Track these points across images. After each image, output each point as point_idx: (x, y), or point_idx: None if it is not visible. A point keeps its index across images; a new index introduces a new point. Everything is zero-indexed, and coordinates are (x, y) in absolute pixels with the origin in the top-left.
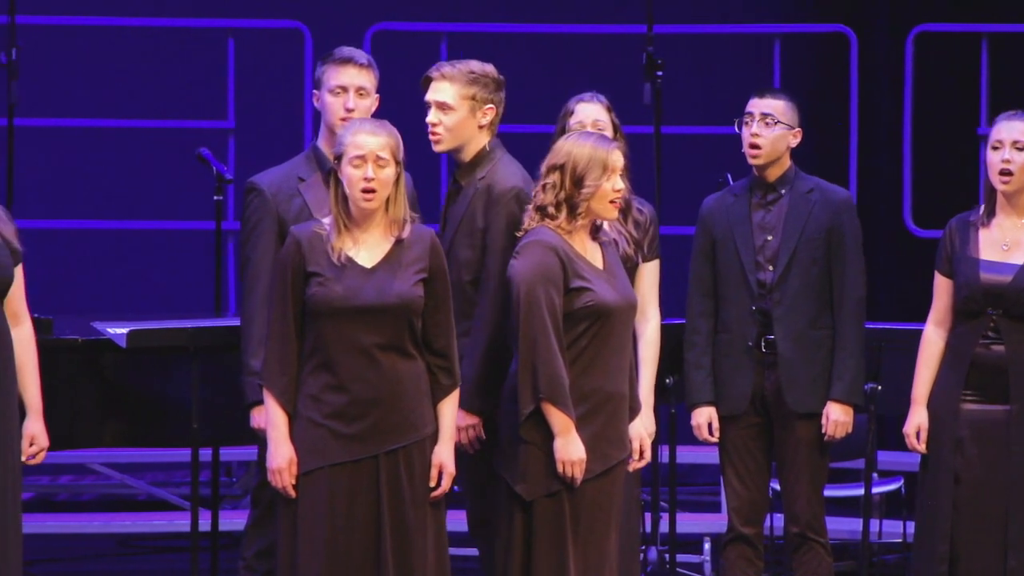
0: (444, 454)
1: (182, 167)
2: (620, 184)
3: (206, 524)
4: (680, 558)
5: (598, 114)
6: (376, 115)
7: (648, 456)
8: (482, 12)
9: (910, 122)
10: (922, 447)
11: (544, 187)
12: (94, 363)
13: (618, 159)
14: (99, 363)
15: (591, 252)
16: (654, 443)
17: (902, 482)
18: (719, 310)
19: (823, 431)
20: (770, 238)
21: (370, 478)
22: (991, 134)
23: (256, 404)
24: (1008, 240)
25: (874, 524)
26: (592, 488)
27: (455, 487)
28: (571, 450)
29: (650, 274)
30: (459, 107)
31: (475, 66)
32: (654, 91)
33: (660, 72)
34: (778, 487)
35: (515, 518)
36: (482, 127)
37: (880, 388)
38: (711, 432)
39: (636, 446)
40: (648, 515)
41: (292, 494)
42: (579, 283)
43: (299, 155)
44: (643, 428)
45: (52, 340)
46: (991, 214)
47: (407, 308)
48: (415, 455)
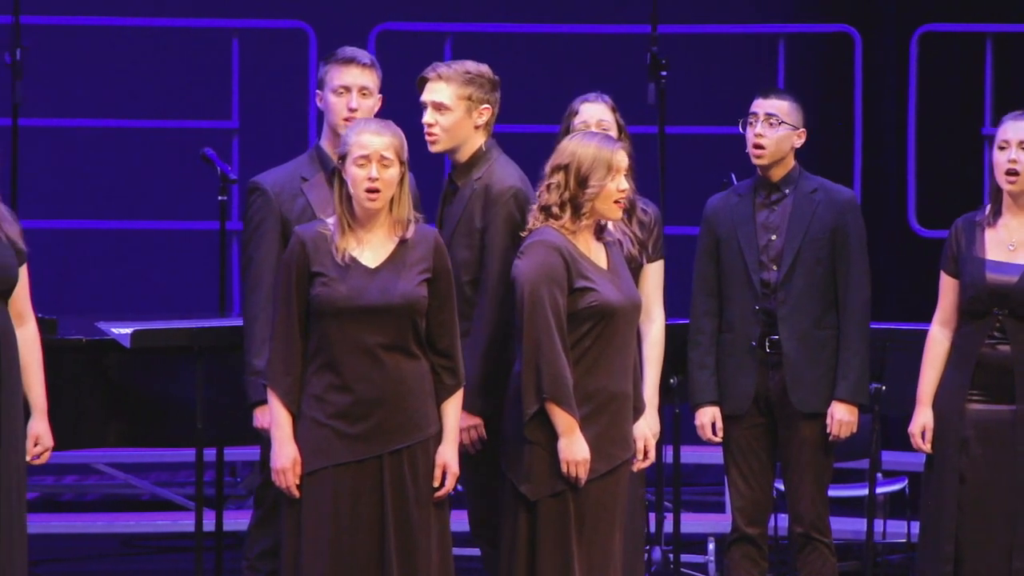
0: (448, 454)
1: (186, 167)
2: (624, 184)
3: (210, 524)
4: (684, 558)
5: (602, 114)
6: (379, 115)
7: (652, 456)
8: (486, 12)
9: (914, 122)
10: (927, 447)
11: (548, 187)
12: (98, 363)
13: (622, 159)
14: (103, 363)
15: (595, 252)
16: (658, 443)
17: (906, 482)
18: (723, 310)
19: (828, 431)
20: (774, 238)
21: (374, 478)
22: (997, 134)
23: (259, 404)
24: (1014, 240)
25: (878, 524)
26: (596, 488)
27: (457, 487)
28: (575, 450)
29: (655, 274)
30: (455, 107)
31: (471, 66)
32: (658, 91)
33: (664, 72)
34: (782, 487)
35: (519, 518)
36: (478, 127)
37: (884, 388)
38: (715, 432)
39: (640, 446)
40: (652, 515)
41: (296, 494)
42: (583, 283)
43: (302, 155)
44: (647, 428)
45: (56, 340)
46: (997, 214)
47: (411, 308)
48: (419, 455)
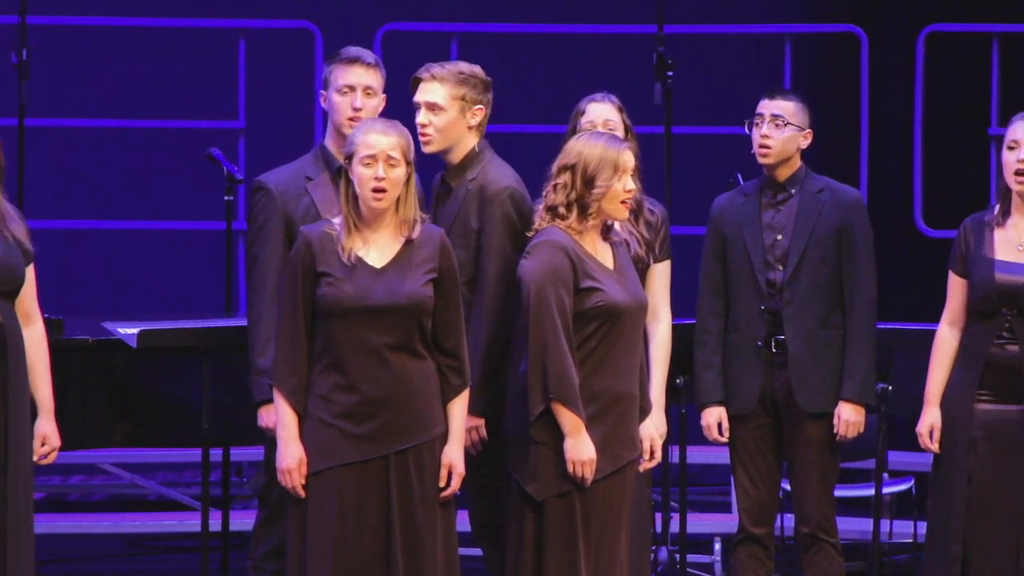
0: (454, 454)
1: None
2: (631, 184)
3: (216, 524)
4: (691, 558)
5: (609, 114)
6: (384, 115)
7: (659, 456)
8: (492, 12)
9: (921, 122)
10: (935, 447)
11: (555, 187)
12: (105, 363)
13: (629, 159)
14: (110, 363)
15: (602, 252)
16: (664, 443)
17: (913, 482)
18: (729, 310)
19: (835, 431)
20: (780, 238)
21: (380, 478)
22: (1007, 134)
23: (264, 403)
24: (1023, 240)
25: (885, 524)
26: (603, 488)
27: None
28: (581, 450)
29: (661, 274)
30: (449, 108)
31: (464, 67)
32: (665, 91)
33: (671, 72)
34: (788, 487)
35: (526, 518)
36: (471, 128)
37: (891, 388)
38: (721, 432)
39: (647, 446)
40: (659, 515)
41: (302, 494)
42: (589, 283)
43: (307, 154)
44: (654, 428)
45: (63, 340)
46: (1006, 214)
47: (417, 308)
48: (425, 455)
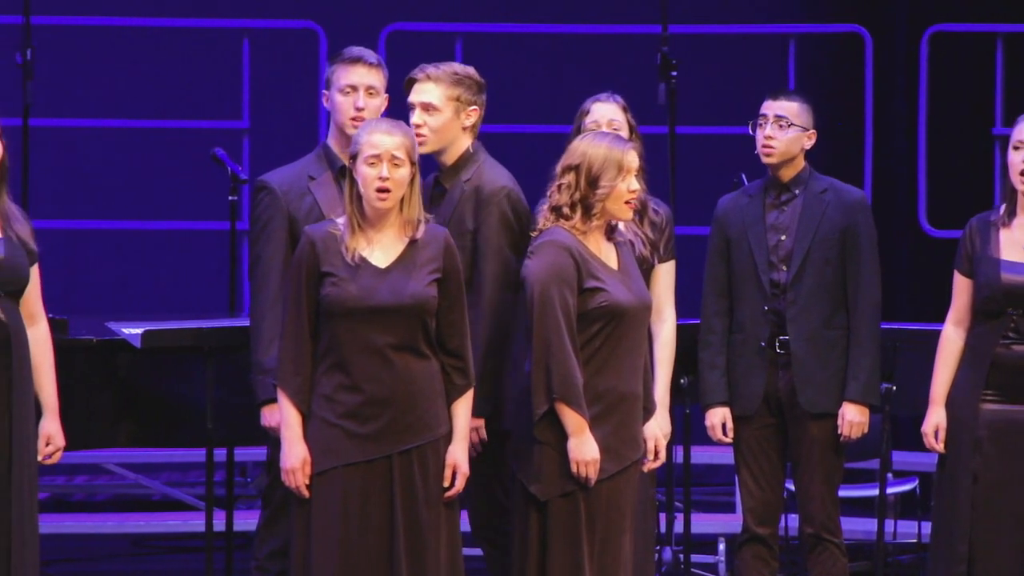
0: (458, 454)
1: (197, 167)
2: (635, 185)
3: (221, 524)
4: (695, 558)
5: (613, 114)
6: (386, 115)
7: (663, 456)
8: (497, 12)
9: (925, 122)
10: (940, 447)
11: (559, 187)
12: (109, 363)
13: (633, 160)
14: (114, 363)
15: (606, 252)
16: (669, 443)
17: (917, 482)
18: (734, 310)
19: (839, 432)
20: (784, 238)
21: (384, 478)
22: (1013, 134)
23: (267, 403)
24: None
25: (889, 524)
26: (607, 488)
27: None
28: (585, 450)
29: (666, 275)
30: (444, 108)
31: (458, 68)
32: (669, 91)
33: (675, 72)
34: (793, 487)
35: (530, 518)
36: (466, 129)
37: (895, 388)
38: (725, 433)
39: (651, 446)
40: (663, 515)
41: (306, 494)
42: (593, 283)
43: (309, 154)
44: (658, 428)
45: (67, 340)
46: (1012, 214)
47: (421, 308)
48: (429, 455)
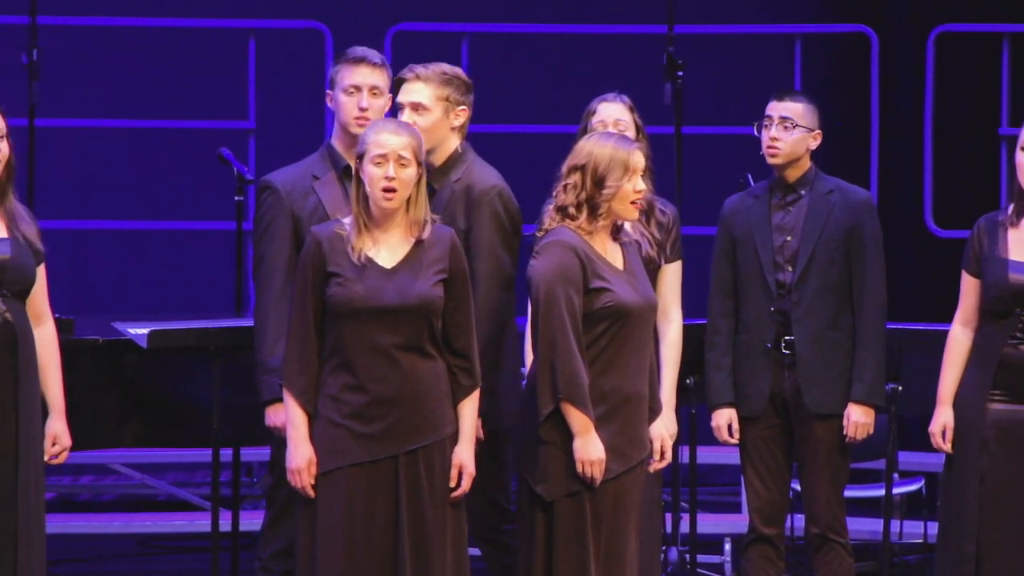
0: (464, 454)
1: (203, 167)
2: (641, 185)
3: (226, 524)
4: (700, 558)
5: (620, 114)
6: (390, 115)
7: (669, 457)
8: (503, 12)
9: (931, 122)
10: (948, 447)
11: (565, 187)
12: (115, 363)
13: (639, 160)
14: (120, 363)
15: (611, 253)
16: (675, 443)
17: (923, 483)
18: (739, 311)
19: (844, 432)
20: (789, 239)
21: (389, 478)
22: (1020, 135)
23: (271, 402)
24: None
25: (895, 525)
26: (612, 488)
27: None
28: (591, 450)
29: (673, 275)
30: (434, 108)
31: (447, 68)
32: (675, 91)
33: (681, 72)
34: (799, 488)
35: (536, 519)
36: (454, 129)
37: (901, 388)
38: (731, 433)
39: (657, 446)
40: (669, 515)
41: (311, 494)
42: (599, 283)
43: (313, 154)
44: (664, 429)
45: (73, 340)
46: (1020, 214)
47: (427, 308)
48: (435, 455)
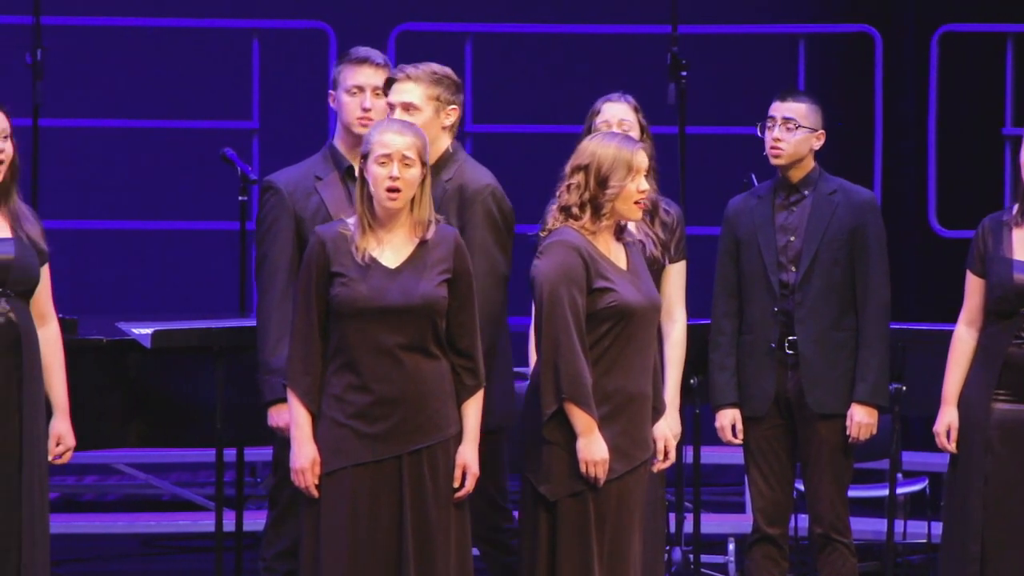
0: (468, 454)
1: (206, 167)
2: (645, 185)
3: (230, 524)
4: (704, 558)
5: (624, 114)
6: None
7: (672, 457)
8: (506, 13)
9: (935, 122)
10: (952, 447)
11: (568, 187)
12: (119, 363)
13: (643, 160)
14: (124, 363)
15: (615, 253)
16: (678, 443)
17: (927, 483)
18: (743, 311)
19: (847, 433)
20: (793, 239)
21: (393, 478)
22: None
23: (274, 403)
24: None
25: (899, 525)
26: (616, 488)
27: None
28: (594, 450)
29: (677, 275)
30: (425, 107)
31: (436, 68)
32: (679, 91)
33: (685, 72)
34: (803, 488)
35: (539, 519)
36: (445, 128)
37: (904, 388)
38: (735, 434)
39: (660, 447)
40: (673, 515)
41: (315, 494)
42: (602, 283)
43: (316, 154)
44: (668, 429)
45: (77, 340)
46: None
47: (431, 309)
48: (439, 455)
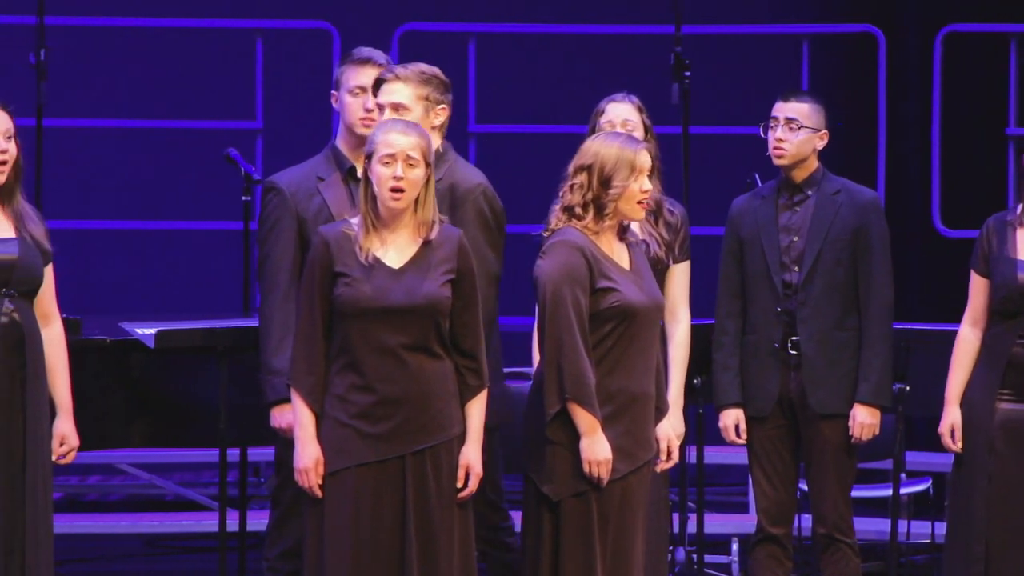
0: (471, 455)
1: (210, 167)
2: (648, 185)
3: (234, 524)
4: (708, 558)
5: (628, 114)
6: None
7: (676, 457)
8: (510, 12)
9: (938, 122)
10: (957, 446)
11: (571, 187)
12: (122, 363)
13: (645, 160)
14: (127, 363)
15: (618, 253)
16: (682, 443)
17: (930, 483)
18: (747, 311)
19: (849, 433)
20: (796, 239)
21: (397, 478)
22: None
23: (276, 403)
24: None
25: (902, 525)
26: (619, 489)
27: None
28: (597, 450)
29: (681, 275)
30: (414, 107)
31: (425, 67)
32: (682, 91)
33: (688, 72)
34: (806, 488)
35: (543, 519)
36: (435, 128)
37: (908, 389)
38: (738, 434)
39: (663, 447)
40: (676, 515)
41: (319, 494)
42: (605, 283)
43: (318, 154)
44: (670, 429)
45: (80, 340)
46: None
47: (435, 309)
48: (442, 455)
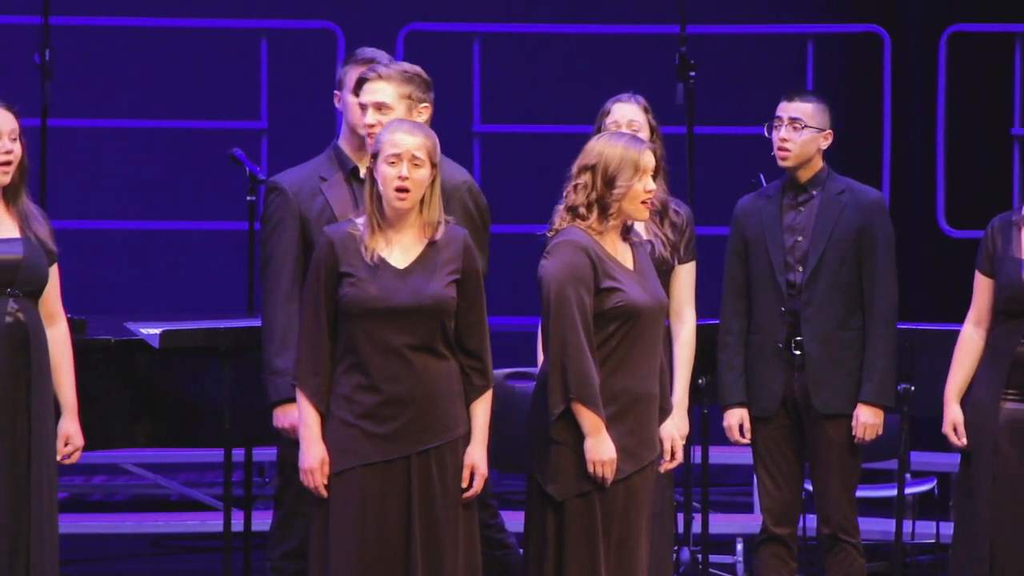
0: (477, 455)
1: (215, 167)
2: (652, 185)
3: (238, 524)
4: (713, 559)
5: (634, 114)
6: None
7: (680, 457)
8: (514, 13)
9: (943, 122)
10: (963, 441)
11: (575, 187)
12: (127, 363)
13: (649, 160)
14: (132, 363)
15: (622, 253)
16: (687, 443)
17: (935, 483)
18: (752, 311)
19: (853, 433)
20: (800, 239)
21: (402, 479)
22: None
23: (279, 403)
24: None
25: (907, 525)
26: (623, 488)
27: None
28: (602, 450)
29: (686, 275)
30: (397, 106)
31: (407, 66)
32: (687, 91)
33: (693, 72)
34: (811, 488)
35: (547, 519)
36: None
37: (913, 389)
38: (743, 433)
39: (668, 447)
40: (681, 515)
41: (324, 494)
42: (609, 283)
43: (320, 155)
44: (675, 429)
45: (85, 340)
46: None
47: (440, 309)
48: (447, 455)
